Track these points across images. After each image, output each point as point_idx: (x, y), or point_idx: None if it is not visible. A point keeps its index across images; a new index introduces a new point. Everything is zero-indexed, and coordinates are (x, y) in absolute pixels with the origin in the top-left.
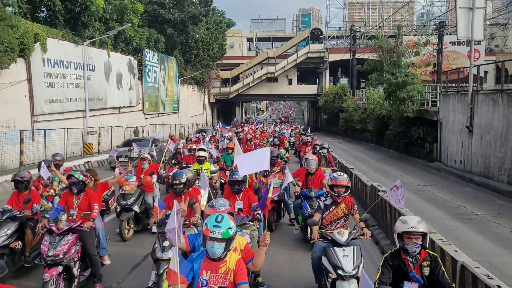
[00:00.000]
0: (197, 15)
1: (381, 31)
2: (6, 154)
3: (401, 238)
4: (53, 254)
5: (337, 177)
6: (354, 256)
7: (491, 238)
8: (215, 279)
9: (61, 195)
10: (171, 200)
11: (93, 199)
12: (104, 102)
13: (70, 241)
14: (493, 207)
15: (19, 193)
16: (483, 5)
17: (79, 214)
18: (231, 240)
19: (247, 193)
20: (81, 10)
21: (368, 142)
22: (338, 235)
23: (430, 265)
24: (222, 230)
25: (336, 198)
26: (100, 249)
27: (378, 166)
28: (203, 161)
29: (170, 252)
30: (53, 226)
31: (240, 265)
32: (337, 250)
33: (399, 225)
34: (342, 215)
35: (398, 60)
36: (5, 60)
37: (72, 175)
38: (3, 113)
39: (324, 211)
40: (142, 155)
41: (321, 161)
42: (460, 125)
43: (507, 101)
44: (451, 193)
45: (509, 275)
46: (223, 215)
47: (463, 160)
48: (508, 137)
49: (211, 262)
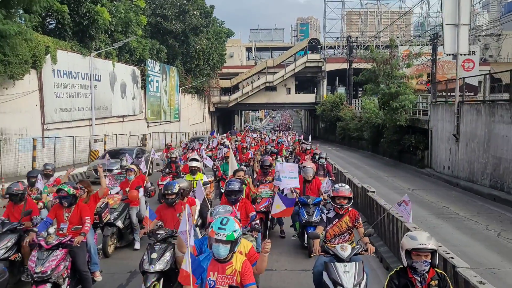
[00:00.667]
0: (198, 27)
1: (378, 41)
2: (19, 161)
3: (409, 256)
4: (40, 271)
5: (338, 188)
6: (356, 272)
7: (467, 233)
8: (222, 280)
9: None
10: (163, 211)
11: (85, 212)
12: (109, 111)
13: (59, 256)
14: (473, 207)
15: (14, 205)
16: (468, 22)
17: (69, 228)
18: (236, 242)
19: (244, 203)
20: (89, 23)
21: (364, 150)
22: (340, 249)
23: (439, 285)
24: (226, 233)
25: (338, 210)
26: (92, 264)
27: (373, 172)
28: (196, 172)
29: (158, 265)
30: (41, 241)
31: (246, 266)
32: (338, 266)
33: (407, 241)
34: (346, 229)
35: (391, 72)
36: (19, 71)
37: (62, 188)
38: (16, 121)
39: (327, 225)
40: (128, 166)
41: (319, 170)
42: (448, 133)
43: (489, 111)
44: (438, 196)
45: (476, 261)
46: (228, 218)
47: (450, 166)
48: (490, 144)
49: (217, 263)
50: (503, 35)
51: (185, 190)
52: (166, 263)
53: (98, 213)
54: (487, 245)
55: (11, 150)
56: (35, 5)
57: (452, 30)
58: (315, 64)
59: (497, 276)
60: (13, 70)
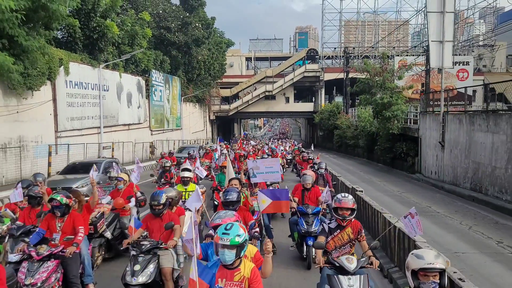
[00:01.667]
0: (200, 38)
1: (375, 51)
2: (36, 166)
3: (415, 276)
4: (30, 283)
5: (341, 198)
6: (361, 286)
7: (442, 227)
8: (230, 286)
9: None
10: (149, 221)
11: (78, 222)
12: (116, 120)
13: (50, 268)
14: (453, 207)
15: (31, 209)
16: (451, 39)
17: (62, 238)
18: (241, 247)
19: (242, 212)
20: (98, 36)
21: (360, 157)
22: (347, 261)
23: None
24: (230, 237)
25: (340, 222)
26: (85, 276)
27: (366, 178)
28: (188, 182)
29: (141, 277)
30: (32, 251)
31: (255, 273)
32: (342, 279)
33: (413, 260)
34: (347, 241)
35: (384, 83)
36: (37, 83)
37: (54, 198)
38: (32, 129)
39: (328, 235)
40: (118, 175)
41: (319, 180)
42: (434, 140)
43: (469, 120)
44: (423, 198)
45: (445, 247)
46: (233, 223)
47: (437, 171)
48: (470, 150)
49: (225, 270)
50: (496, 46)
51: (173, 200)
52: (149, 275)
53: (93, 223)
54: (458, 236)
55: (28, 156)
56: (54, 22)
57: (437, 46)
58: (313, 74)
59: (461, 258)
60: (32, 82)
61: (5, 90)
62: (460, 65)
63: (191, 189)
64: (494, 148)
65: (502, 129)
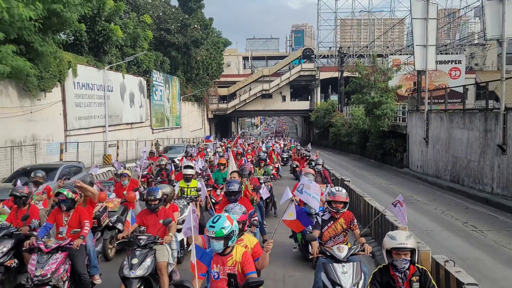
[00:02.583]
0: (199, 39)
1: (369, 50)
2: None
3: (389, 254)
4: (40, 274)
5: (335, 192)
6: (354, 272)
7: (419, 212)
8: (224, 271)
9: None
10: (144, 216)
11: (84, 216)
12: (119, 119)
13: (59, 259)
14: (432, 196)
15: (18, 209)
16: (434, 43)
17: (68, 232)
18: (228, 238)
19: (243, 202)
20: (103, 40)
21: (353, 154)
22: (337, 250)
23: (420, 280)
24: (215, 230)
25: (334, 214)
26: (91, 267)
27: (358, 172)
28: (190, 179)
29: (138, 271)
30: (41, 244)
31: (246, 257)
32: (336, 266)
33: (387, 241)
34: (341, 231)
35: (374, 84)
36: (50, 85)
37: (61, 192)
38: (44, 128)
39: (322, 227)
40: (122, 171)
41: (316, 177)
42: (420, 137)
43: (449, 118)
44: (407, 189)
45: (418, 227)
46: (220, 215)
47: (422, 165)
48: (450, 145)
49: (219, 256)
50: (487, 45)
51: (168, 196)
52: (147, 268)
53: (96, 217)
54: (431, 218)
55: (41, 154)
56: (67, 28)
57: (422, 50)
58: (309, 73)
59: (429, 234)
60: (45, 84)
61: (20, 92)
62: (453, 64)
63: (193, 185)
64: (469, 143)
65: (476, 126)
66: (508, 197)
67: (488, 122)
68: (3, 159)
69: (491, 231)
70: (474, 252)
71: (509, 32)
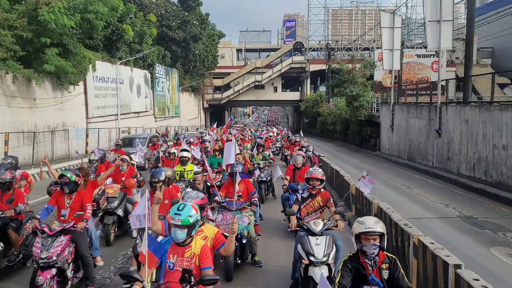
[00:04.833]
0: (197, 35)
1: (357, 44)
2: (77, 145)
3: (358, 240)
4: (46, 256)
5: (312, 171)
6: (326, 244)
7: (383, 184)
8: (181, 262)
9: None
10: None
11: (86, 199)
12: (129, 108)
13: (64, 242)
14: (393, 172)
15: (3, 193)
16: (399, 47)
17: (71, 215)
18: (192, 227)
19: (245, 182)
20: (117, 38)
21: (338, 140)
22: (313, 225)
23: (389, 268)
24: (182, 218)
25: (311, 190)
26: (93, 250)
27: (338, 155)
28: (186, 162)
29: None
30: (45, 227)
31: (204, 250)
32: (311, 239)
33: (356, 226)
34: (318, 207)
35: (354, 79)
36: (77, 79)
37: (64, 175)
38: (71, 116)
39: (301, 203)
40: (122, 157)
41: (306, 162)
42: (387, 125)
43: (407, 109)
44: (375, 166)
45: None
46: (185, 204)
47: (389, 148)
48: (407, 131)
49: (177, 247)
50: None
51: (170, 179)
52: None
53: (95, 200)
54: (386, 185)
55: (69, 138)
56: (96, 33)
57: (388, 53)
58: (300, 65)
59: (384, 197)
60: (74, 78)
61: (53, 85)
62: (435, 57)
63: (190, 169)
64: (420, 129)
65: (424, 116)
66: (441, 168)
67: (431, 112)
68: (42, 142)
69: (417, 188)
70: (398, 197)
71: (444, 45)
